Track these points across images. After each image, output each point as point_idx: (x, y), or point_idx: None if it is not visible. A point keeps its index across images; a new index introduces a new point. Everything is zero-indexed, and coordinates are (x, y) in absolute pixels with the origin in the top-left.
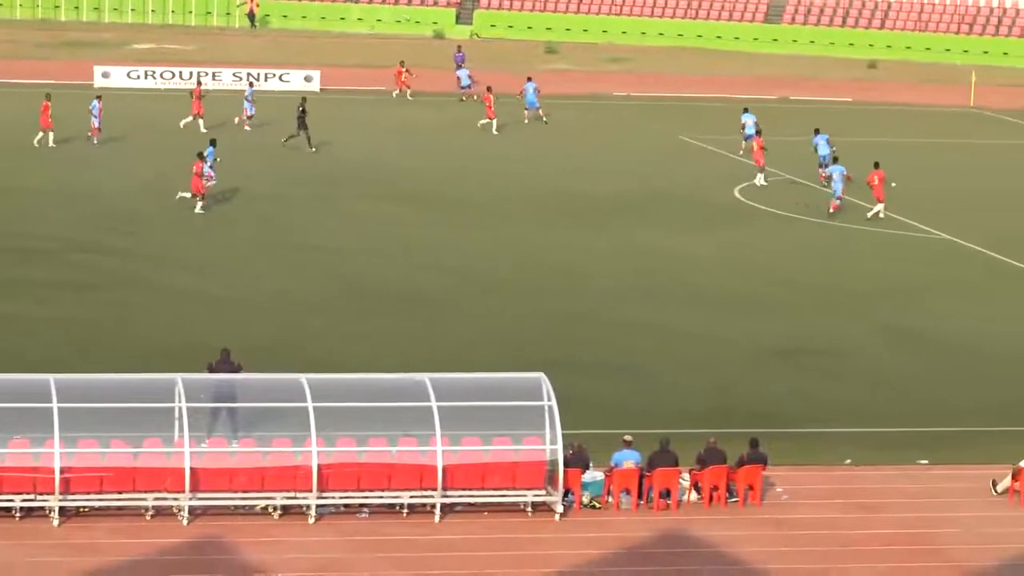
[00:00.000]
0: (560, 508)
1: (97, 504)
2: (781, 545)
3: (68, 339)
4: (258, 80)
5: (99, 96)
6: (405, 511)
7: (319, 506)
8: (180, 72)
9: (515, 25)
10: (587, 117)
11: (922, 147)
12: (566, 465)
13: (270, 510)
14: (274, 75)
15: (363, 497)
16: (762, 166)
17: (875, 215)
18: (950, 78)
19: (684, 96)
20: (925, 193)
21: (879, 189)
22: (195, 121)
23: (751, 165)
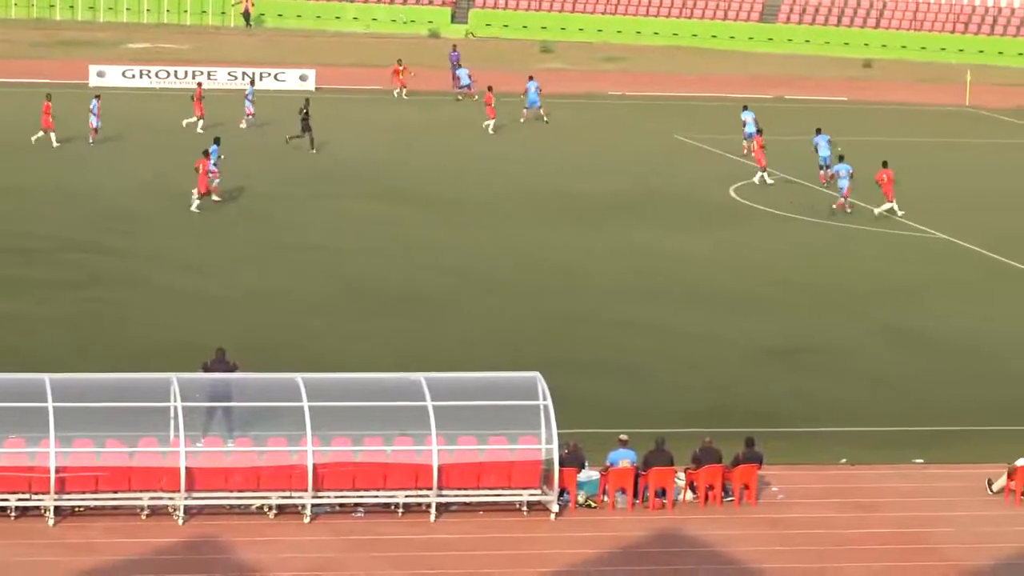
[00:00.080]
0: (556, 507)
1: (93, 504)
2: (776, 544)
3: (68, 339)
4: (254, 79)
5: (98, 95)
6: (400, 511)
7: (314, 505)
8: (175, 71)
9: (510, 24)
10: (582, 116)
11: (917, 146)
12: (561, 464)
13: (266, 509)
14: (269, 74)
15: (358, 496)
16: (764, 166)
17: (885, 213)
18: (945, 77)
19: (679, 95)
20: (921, 192)
21: (888, 188)
22: (196, 122)
23: (747, 164)
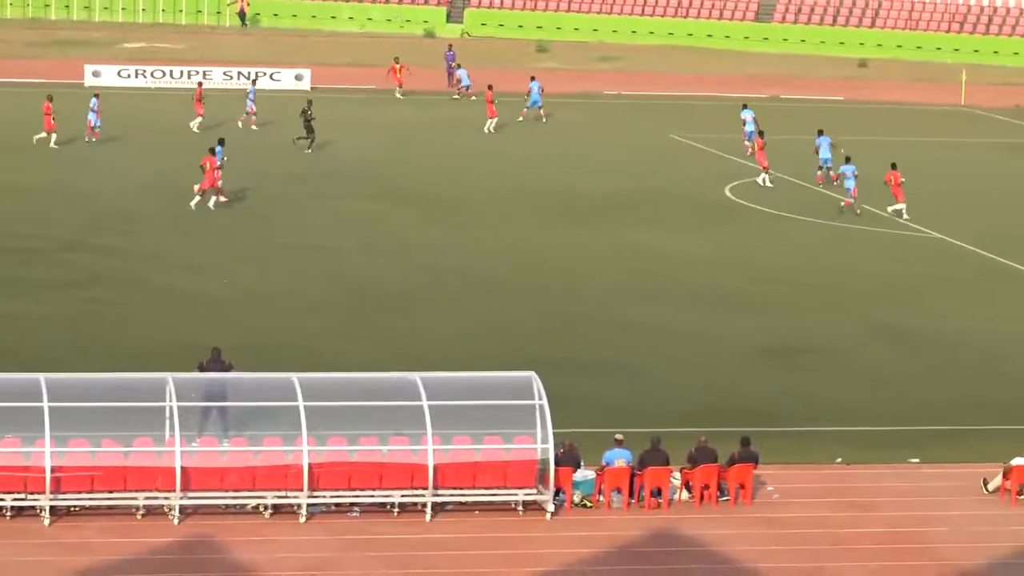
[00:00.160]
0: (551, 507)
1: (88, 503)
2: (772, 544)
3: (68, 339)
4: (249, 79)
5: (97, 94)
6: (396, 510)
7: (310, 505)
8: (171, 71)
9: (506, 24)
10: (578, 116)
11: (913, 146)
12: (557, 464)
13: (261, 509)
14: (265, 74)
15: (354, 496)
16: (766, 167)
17: (893, 213)
18: (940, 77)
19: (675, 95)
20: (917, 192)
21: (896, 188)
22: (196, 121)
23: (742, 164)
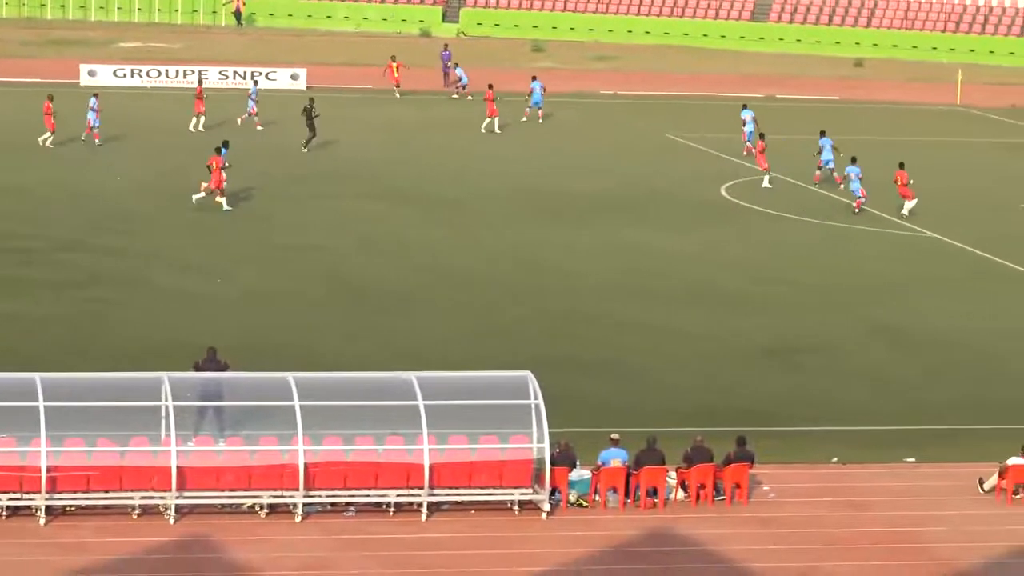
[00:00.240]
0: (547, 507)
1: (84, 503)
2: (768, 543)
3: (68, 339)
4: (245, 78)
5: (96, 94)
6: (392, 510)
7: (306, 505)
8: (167, 71)
9: (501, 23)
10: (574, 116)
11: (908, 145)
12: (553, 463)
13: (257, 509)
14: (261, 73)
15: (350, 496)
16: (766, 169)
17: (910, 211)
18: (936, 76)
19: (670, 94)
20: (914, 192)
21: (903, 188)
22: (198, 120)
23: (739, 163)
